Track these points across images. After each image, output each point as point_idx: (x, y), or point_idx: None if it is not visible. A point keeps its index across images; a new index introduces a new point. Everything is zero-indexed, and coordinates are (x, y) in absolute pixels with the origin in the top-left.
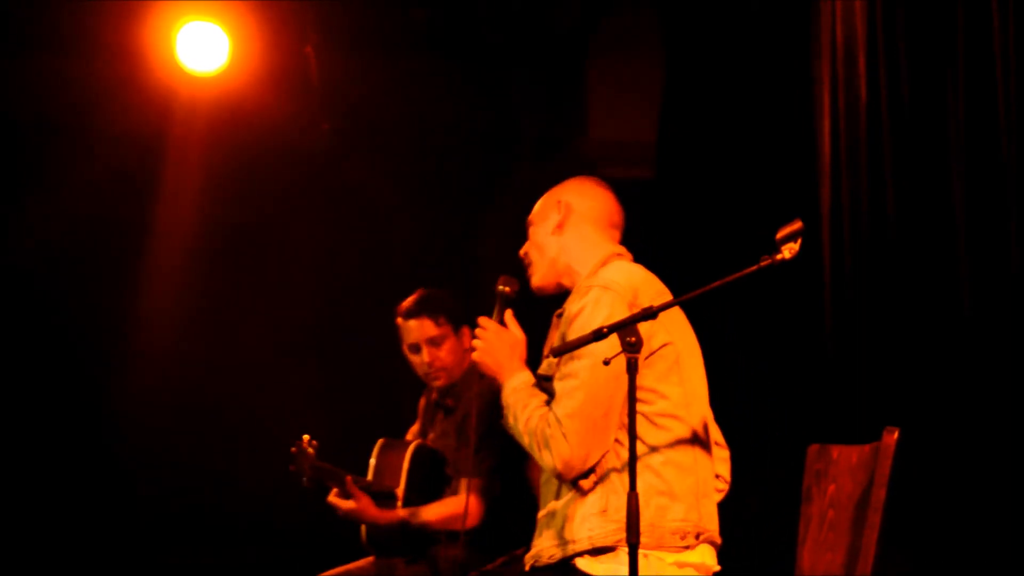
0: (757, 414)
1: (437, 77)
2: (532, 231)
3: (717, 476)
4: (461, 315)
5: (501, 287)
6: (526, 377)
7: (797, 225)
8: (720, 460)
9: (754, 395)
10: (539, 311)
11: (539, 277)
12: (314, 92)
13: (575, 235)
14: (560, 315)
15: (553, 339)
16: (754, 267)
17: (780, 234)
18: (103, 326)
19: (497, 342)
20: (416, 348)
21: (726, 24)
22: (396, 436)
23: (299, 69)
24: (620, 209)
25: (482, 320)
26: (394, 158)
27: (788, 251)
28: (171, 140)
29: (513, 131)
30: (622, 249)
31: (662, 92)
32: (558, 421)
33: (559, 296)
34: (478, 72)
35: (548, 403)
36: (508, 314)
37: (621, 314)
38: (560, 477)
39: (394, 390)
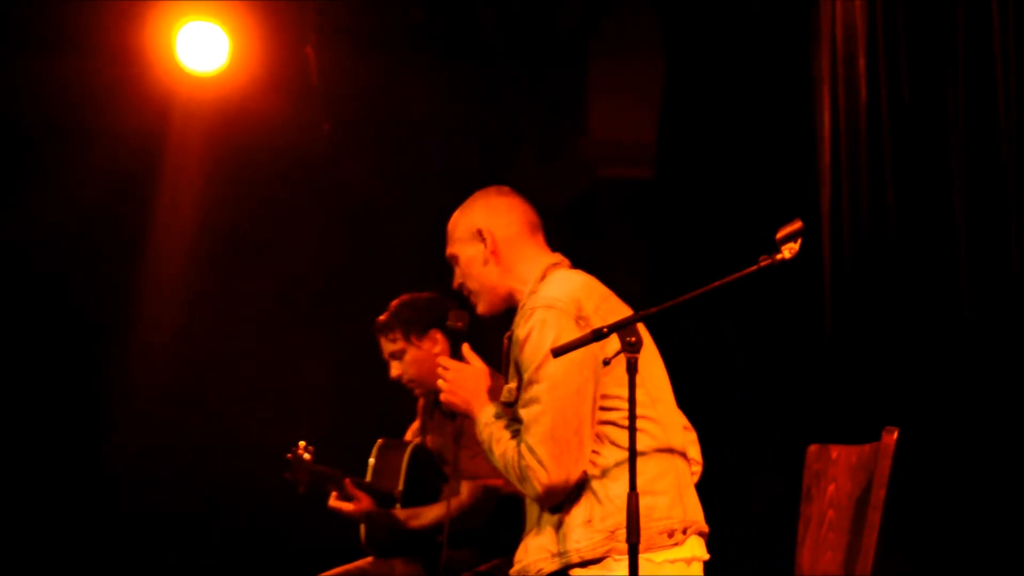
0: (757, 414)
1: (437, 77)
2: (461, 264)
3: (689, 460)
4: (420, 322)
5: (451, 323)
6: (494, 410)
7: (797, 225)
8: (689, 443)
9: (754, 395)
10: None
11: (484, 306)
12: (314, 92)
13: (508, 258)
14: (511, 337)
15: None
16: (754, 267)
17: (780, 234)
18: (102, 325)
19: (461, 379)
20: (388, 364)
21: (726, 24)
22: (396, 436)
23: (299, 69)
24: (532, 207)
25: (441, 360)
26: (394, 159)
27: (788, 251)
28: (171, 140)
29: (513, 131)
30: (558, 257)
31: (662, 92)
32: (531, 450)
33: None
34: (478, 72)
35: (514, 430)
36: (465, 348)
37: (568, 330)
38: (544, 503)
39: (394, 391)
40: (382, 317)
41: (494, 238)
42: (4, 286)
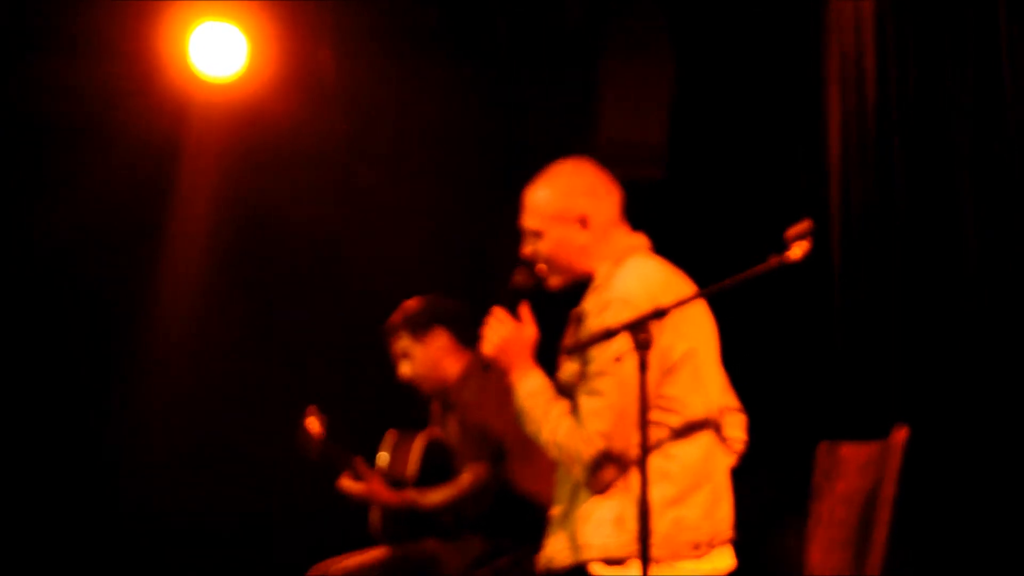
0: (766, 412)
1: (448, 79)
2: (547, 243)
3: (735, 439)
4: (423, 320)
5: (518, 279)
6: (540, 380)
7: (807, 225)
8: (736, 424)
9: (763, 394)
10: (554, 306)
11: (559, 282)
12: (331, 96)
13: (597, 240)
14: (578, 316)
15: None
16: (764, 266)
17: (789, 233)
18: (117, 331)
19: (512, 338)
20: (397, 364)
21: (736, 24)
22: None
23: (318, 73)
24: (617, 186)
25: (498, 312)
26: (407, 161)
27: (798, 250)
28: (186, 145)
29: (523, 132)
30: (638, 238)
31: (672, 92)
32: (589, 439)
33: (574, 290)
34: (489, 73)
35: (571, 410)
36: (524, 309)
37: None
38: (590, 488)
39: (402, 390)
40: (388, 324)
41: (589, 223)
42: (19, 288)
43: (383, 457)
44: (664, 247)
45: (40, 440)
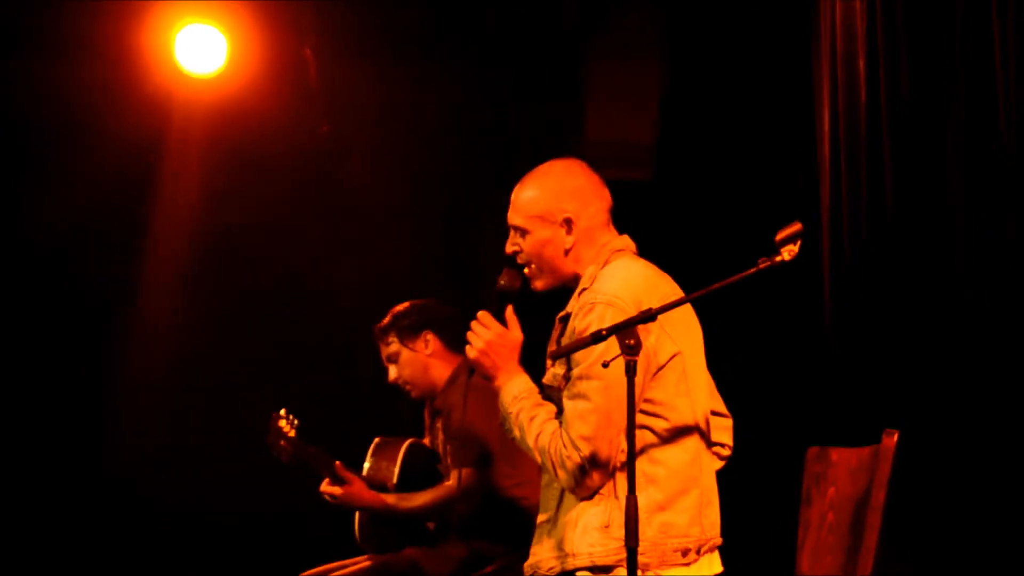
0: (756, 417)
1: (434, 78)
2: (530, 242)
3: (721, 445)
4: (413, 325)
5: (503, 282)
6: (526, 384)
7: (796, 227)
8: (723, 429)
9: (753, 398)
10: (540, 309)
11: (544, 284)
12: (313, 94)
13: (584, 244)
14: (563, 320)
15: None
16: (753, 269)
17: (779, 236)
18: (101, 330)
19: (497, 342)
20: (386, 368)
21: (726, 24)
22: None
23: (298, 71)
24: (607, 189)
25: (482, 316)
26: (392, 160)
27: (787, 253)
28: (169, 141)
29: (510, 132)
30: (624, 240)
31: (661, 93)
32: (573, 444)
33: (559, 293)
34: (475, 73)
35: (548, 410)
36: (509, 311)
37: None
38: (576, 493)
39: (394, 396)
40: (378, 328)
41: (574, 226)
42: (7, 285)
43: (366, 467)
44: (653, 249)
45: (36, 440)
